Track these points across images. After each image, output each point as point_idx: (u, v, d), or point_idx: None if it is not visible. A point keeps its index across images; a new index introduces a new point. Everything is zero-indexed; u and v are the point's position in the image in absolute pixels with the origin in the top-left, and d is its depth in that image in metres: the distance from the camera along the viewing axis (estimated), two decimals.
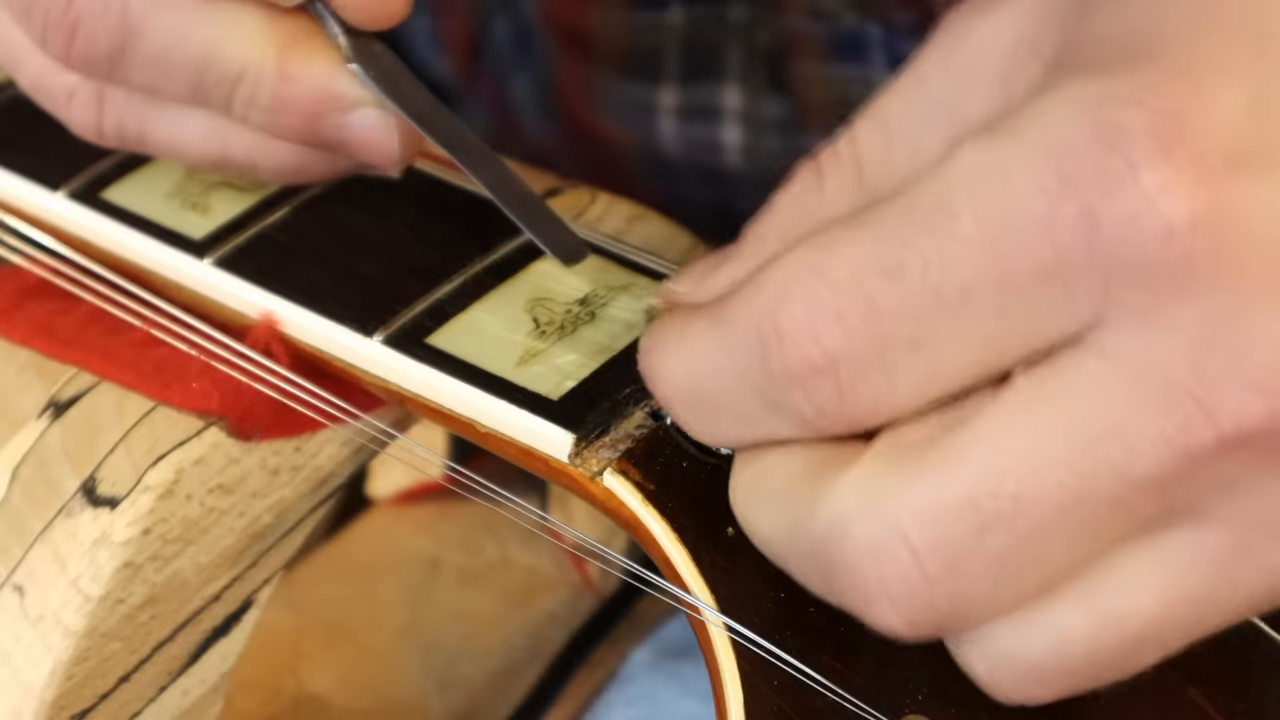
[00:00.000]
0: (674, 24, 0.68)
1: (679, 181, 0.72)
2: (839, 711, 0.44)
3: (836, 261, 0.39)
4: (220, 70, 0.48)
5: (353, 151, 0.49)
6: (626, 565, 0.50)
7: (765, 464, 0.42)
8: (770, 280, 0.39)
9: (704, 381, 0.41)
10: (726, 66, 0.68)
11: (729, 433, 0.42)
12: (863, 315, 0.38)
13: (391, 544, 0.64)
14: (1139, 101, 0.37)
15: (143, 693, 0.50)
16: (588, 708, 0.60)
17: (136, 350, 0.51)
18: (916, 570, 0.38)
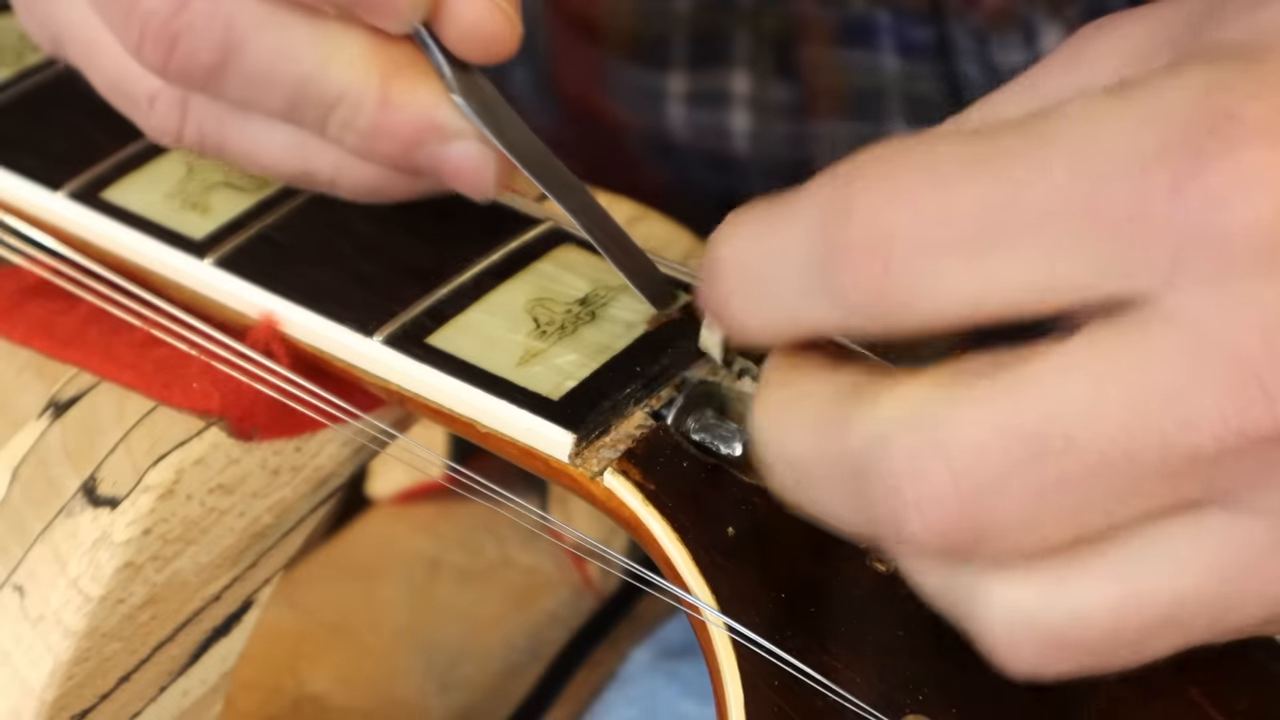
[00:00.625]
0: (682, 10, 0.68)
1: (686, 167, 0.72)
2: (839, 711, 0.44)
3: (924, 148, 0.39)
4: (321, 91, 0.47)
5: (446, 179, 0.49)
6: (626, 565, 0.50)
7: (802, 384, 0.42)
8: (851, 166, 0.39)
9: (761, 254, 0.41)
10: (735, 52, 0.68)
11: (767, 312, 0.42)
12: (933, 202, 0.38)
13: (391, 544, 0.64)
14: (1251, 94, 0.38)
15: (143, 693, 0.50)
16: (588, 708, 0.60)
17: (137, 350, 0.51)
18: (953, 488, 0.38)
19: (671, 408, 0.48)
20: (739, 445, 0.47)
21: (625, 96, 0.71)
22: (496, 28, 0.46)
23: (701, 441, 0.47)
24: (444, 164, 0.48)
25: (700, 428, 0.47)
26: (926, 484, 0.38)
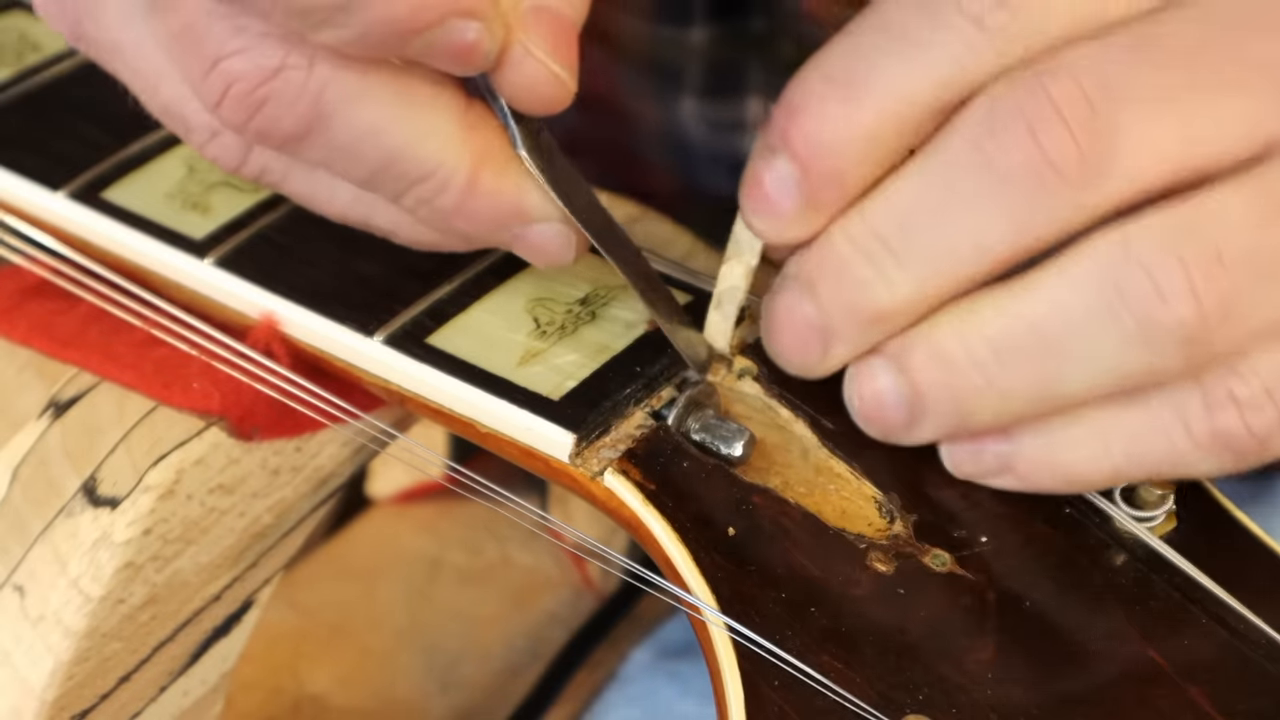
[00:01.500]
0: (696, 42, 0.68)
1: (699, 173, 0.72)
2: (839, 711, 0.44)
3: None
4: (407, 169, 0.46)
5: (523, 254, 0.48)
6: (626, 565, 0.50)
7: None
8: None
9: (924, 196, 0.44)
10: (749, 80, 0.68)
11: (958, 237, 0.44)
12: (1132, 57, 0.43)
13: (391, 544, 0.64)
14: None
15: (143, 693, 0.50)
16: (588, 708, 0.60)
17: (137, 350, 0.51)
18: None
19: (672, 408, 0.48)
20: (739, 445, 0.47)
21: (642, 102, 0.71)
22: (549, 90, 0.46)
23: (701, 441, 0.47)
24: (524, 242, 0.47)
25: (700, 428, 0.47)
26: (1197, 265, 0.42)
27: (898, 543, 0.46)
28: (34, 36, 0.58)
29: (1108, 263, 0.42)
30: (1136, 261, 0.42)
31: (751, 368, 0.49)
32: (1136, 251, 0.42)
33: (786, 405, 0.48)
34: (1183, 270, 0.42)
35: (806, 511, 0.46)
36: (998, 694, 0.43)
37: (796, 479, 0.47)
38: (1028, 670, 0.44)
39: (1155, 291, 0.42)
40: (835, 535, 0.46)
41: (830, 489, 0.47)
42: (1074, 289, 0.43)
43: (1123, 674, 0.44)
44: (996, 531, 0.46)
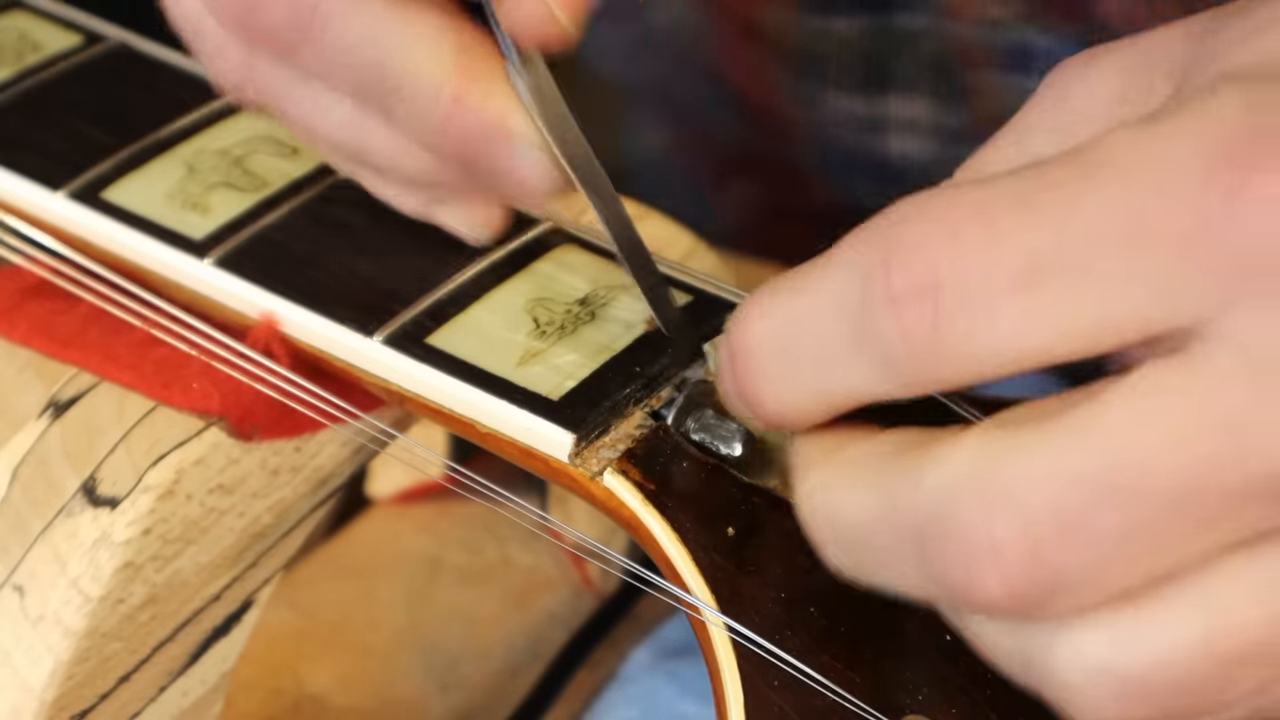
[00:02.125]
0: (842, 31, 0.67)
1: (851, 183, 0.71)
2: (839, 711, 0.44)
3: (966, 190, 0.38)
4: (397, 79, 0.47)
5: (501, 183, 0.48)
6: (626, 565, 0.50)
7: (847, 452, 0.41)
8: (887, 216, 0.38)
9: (791, 326, 0.40)
10: (895, 76, 0.68)
11: (804, 388, 0.41)
12: (981, 242, 0.37)
13: (391, 544, 0.64)
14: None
15: (143, 693, 0.50)
16: (588, 708, 0.60)
17: (137, 350, 0.51)
18: (1027, 538, 0.37)
19: (671, 408, 0.48)
20: (739, 445, 0.47)
21: (794, 105, 0.70)
22: (544, 28, 0.46)
23: (701, 441, 0.47)
24: (504, 167, 0.47)
25: (700, 428, 0.47)
26: (1000, 540, 0.37)
27: None
28: (34, 36, 0.58)
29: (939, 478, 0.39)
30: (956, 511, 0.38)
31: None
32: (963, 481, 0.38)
33: None
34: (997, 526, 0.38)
35: None
36: (997, 694, 0.43)
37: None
38: None
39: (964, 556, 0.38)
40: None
41: None
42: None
43: None
44: None
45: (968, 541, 0.37)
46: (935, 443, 0.39)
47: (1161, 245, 0.37)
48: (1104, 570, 0.37)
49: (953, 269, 0.37)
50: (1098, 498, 0.37)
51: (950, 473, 0.38)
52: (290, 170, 0.53)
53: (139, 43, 0.58)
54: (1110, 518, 0.37)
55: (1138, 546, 0.37)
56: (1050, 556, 0.37)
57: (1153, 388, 0.37)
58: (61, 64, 0.57)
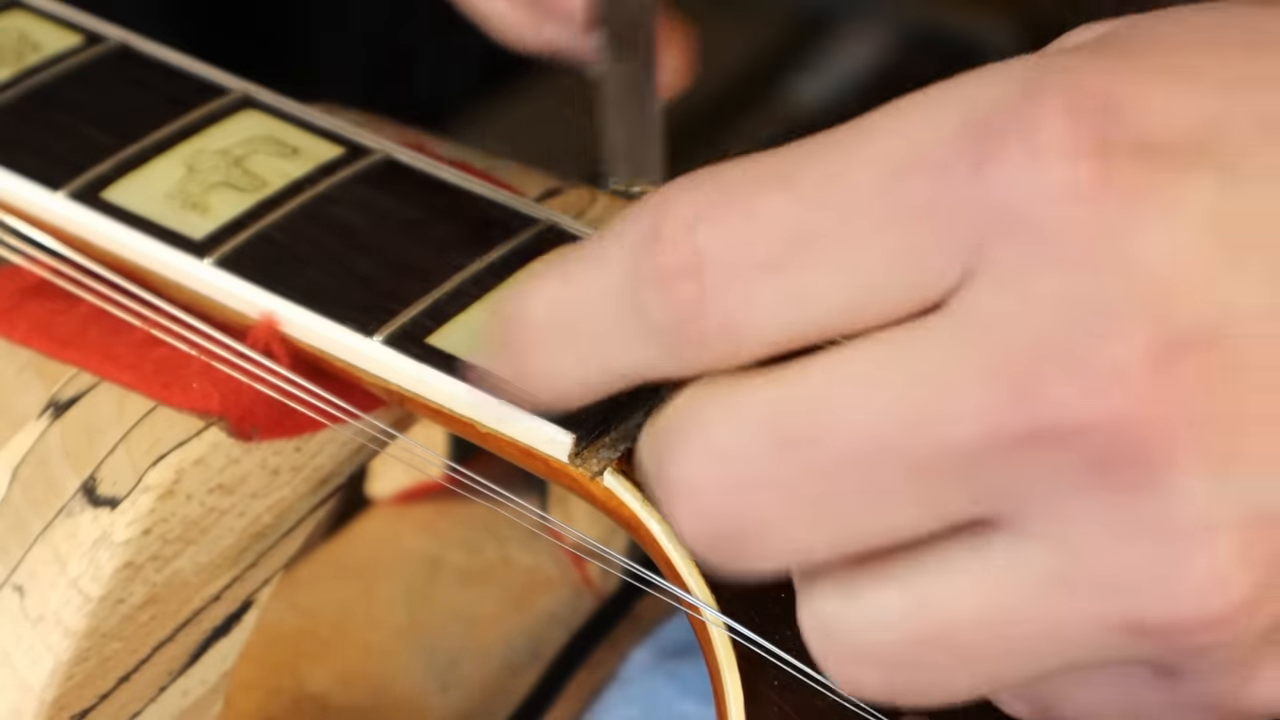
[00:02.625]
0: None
1: None
2: (839, 711, 0.44)
3: (733, 166, 0.38)
4: None
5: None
6: (626, 565, 0.50)
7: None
8: (658, 192, 0.38)
9: (565, 301, 0.40)
10: None
11: (577, 365, 0.41)
12: (740, 216, 0.37)
13: (391, 544, 0.64)
14: (1071, 69, 0.36)
15: (143, 693, 0.50)
16: (588, 708, 0.60)
17: (136, 350, 0.51)
18: (713, 473, 0.37)
19: None
20: None
21: None
22: None
23: None
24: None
25: None
26: (691, 478, 0.38)
27: None
28: (34, 36, 0.58)
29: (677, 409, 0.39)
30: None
31: None
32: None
33: None
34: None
35: None
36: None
37: None
38: None
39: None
40: None
41: None
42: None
43: None
44: None
45: (668, 479, 0.38)
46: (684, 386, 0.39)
47: (912, 219, 0.37)
48: (790, 520, 0.37)
49: (713, 246, 0.37)
50: (780, 441, 0.37)
51: (669, 408, 0.39)
52: (290, 170, 0.53)
53: (139, 43, 0.58)
54: (791, 463, 0.37)
55: (823, 499, 0.37)
56: (735, 493, 0.37)
57: (864, 348, 0.37)
58: (61, 64, 0.57)
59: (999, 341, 0.36)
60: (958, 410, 0.36)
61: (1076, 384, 0.35)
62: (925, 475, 0.37)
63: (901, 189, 0.37)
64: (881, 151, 0.37)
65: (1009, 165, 0.36)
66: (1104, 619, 0.37)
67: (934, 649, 0.38)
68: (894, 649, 0.38)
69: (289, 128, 0.55)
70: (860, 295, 0.37)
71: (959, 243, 0.36)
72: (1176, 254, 0.36)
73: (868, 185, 0.37)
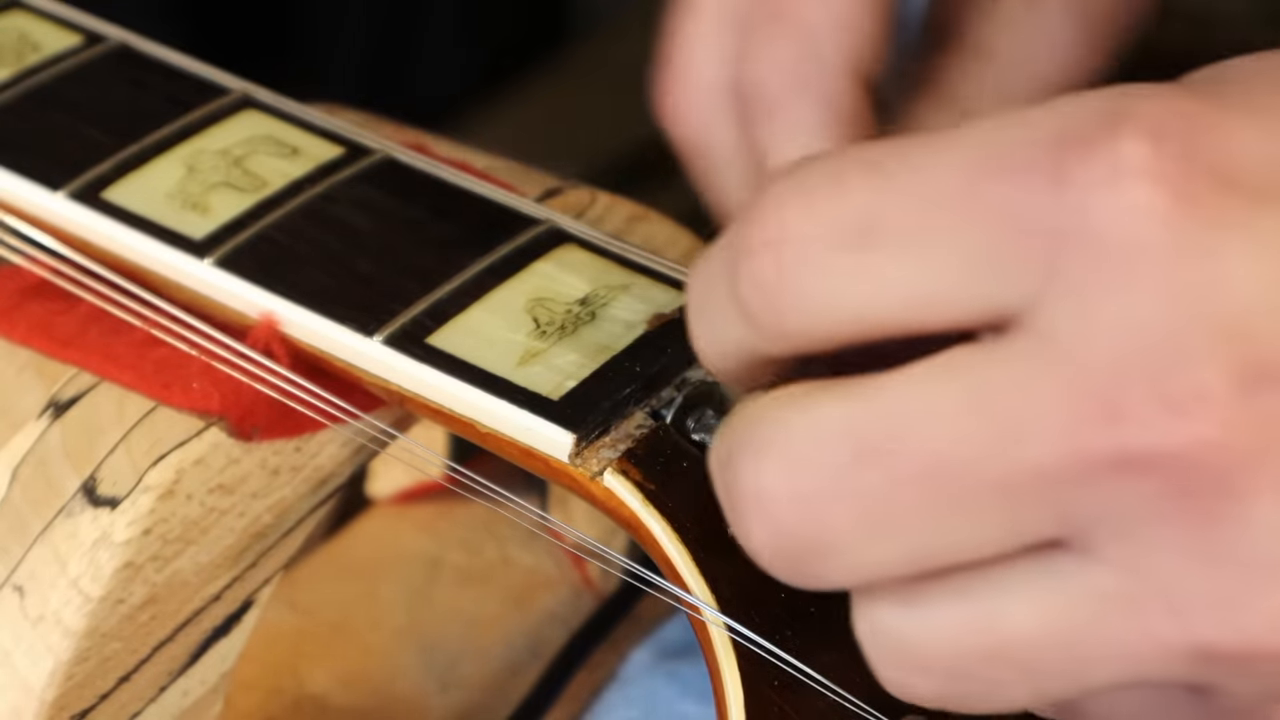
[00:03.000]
0: None
1: None
2: (839, 711, 0.44)
3: (833, 155, 0.39)
4: None
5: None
6: (626, 565, 0.50)
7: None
8: (767, 180, 0.39)
9: (699, 280, 0.41)
10: None
11: (705, 338, 0.41)
12: (826, 200, 0.38)
13: (391, 544, 0.64)
14: (1157, 96, 0.37)
15: (143, 693, 0.50)
16: (587, 708, 0.60)
17: (137, 350, 0.51)
18: (788, 485, 0.38)
19: (671, 408, 0.48)
20: None
21: None
22: None
23: (701, 441, 0.47)
24: None
25: (700, 428, 0.47)
26: (765, 487, 0.38)
27: None
28: (34, 36, 0.58)
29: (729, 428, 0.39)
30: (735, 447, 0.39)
31: None
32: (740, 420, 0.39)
33: None
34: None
35: None
36: None
37: None
38: None
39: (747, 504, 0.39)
40: None
41: None
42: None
43: None
44: None
45: (740, 487, 0.38)
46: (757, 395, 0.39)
47: (989, 226, 0.37)
48: (868, 535, 0.37)
49: (797, 224, 0.38)
50: (861, 455, 0.37)
51: (744, 418, 0.39)
52: (290, 170, 0.53)
53: (139, 43, 0.58)
54: (872, 478, 0.37)
55: (898, 514, 0.37)
56: (809, 509, 0.37)
57: (945, 365, 0.37)
58: (61, 64, 0.57)
59: (1082, 364, 0.36)
60: (1041, 432, 0.36)
61: (1160, 408, 0.35)
62: (1004, 495, 0.37)
63: (983, 190, 0.37)
64: (969, 153, 0.37)
65: (1090, 183, 0.36)
66: (1170, 643, 0.37)
67: (993, 663, 0.38)
68: (952, 660, 0.38)
69: (289, 128, 0.55)
70: (931, 290, 0.38)
71: (1035, 254, 0.37)
72: (1259, 283, 0.36)
73: (951, 183, 0.37)
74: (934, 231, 0.37)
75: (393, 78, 1.23)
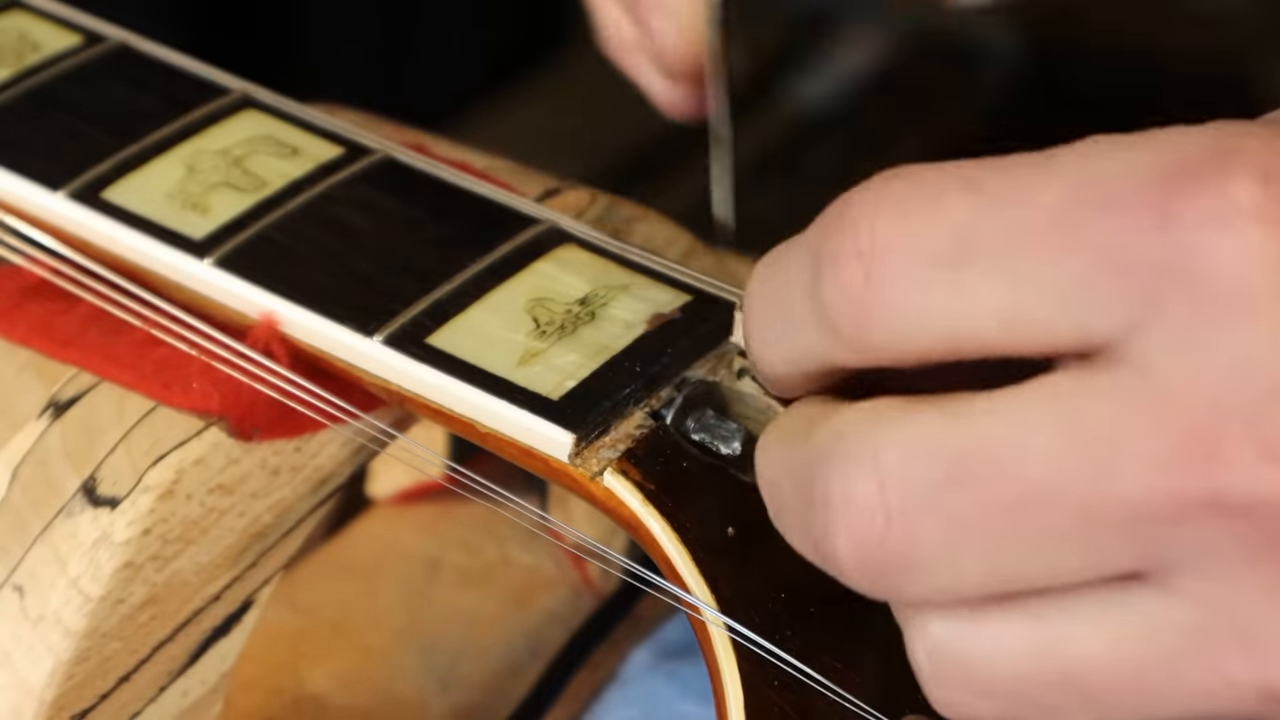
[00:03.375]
0: None
1: None
2: (839, 711, 0.44)
3: (930, 168, 0.38)
4: None
5: (644, 38, 0.53)
6: (626, 565, 0.50)
7: (795, 409, 0.41)
8: (854, 190, 0.39)
9: (769, 283, 0.41)
10: None
11: (775, 345, 0.41)
12: (920, 213, 0.38)
13: (391, 544, 0.64)
14: (1261, 135, 0.36)
15: (143, 693, 0.50)
16: (587, 708, 0.60)
17: (137, 350, 0.51)
18: (880, 498, 0.37)
19: (671, 408, 0.48)
20: (739, 445, 0.47)
21: None
22: None
23: (701, 441, 0.47)
24: (647, 20, 0.53)
25: (700, 428, 0.47)
26: (855, 496, 0.38)
27: None
28: (34, 36, 0.58)
29: (812, 444, 0.39)
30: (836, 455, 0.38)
31: (751, 366, 0.49)
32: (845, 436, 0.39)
33: (786, 405, 0.48)
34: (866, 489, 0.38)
35: None
36: None
37: None
38: None
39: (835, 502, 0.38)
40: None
41: None
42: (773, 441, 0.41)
43: None
44: None
45: (827, 495, 0.38)
46: (844, 402, 0.39)
47: (1086, 256, 0.37)
48: (950, 555, 0.37)
49: (890, 236, 0.38)
50: (955, 476, 0.37)
51: (832, 428, 0.39)
52: (290, 170, 0.54)
53: (139, 43, 0.58)
54: (962, 499, 0.37)
55: (986, 538, 0.37)
56: (896, 527, 0.37)
57: (1039, 391, 0.37)
58: (61, 64, 0.57)
59: (1180, 401, 0.36)
60: (1134, 467, 0.36)
61: (1258, 454, 0.35)
62: (1092, 527, 0.37)
63: (1084, 220, 0.37)
64: (1070, 180, 0.37)
65: (1199, 221, 0.36)
66: (1240, 681, 0.37)
67: (1055, 689, 0.38)
68: (1016, 684, 0.38)
69: (289, 128, 0.55)
70: (1022, 313, 0.37)
71: (1134, 288, 0.36)
72: None
73: (1050, 208, 0.37)
74: (1033, 257, 0.37)
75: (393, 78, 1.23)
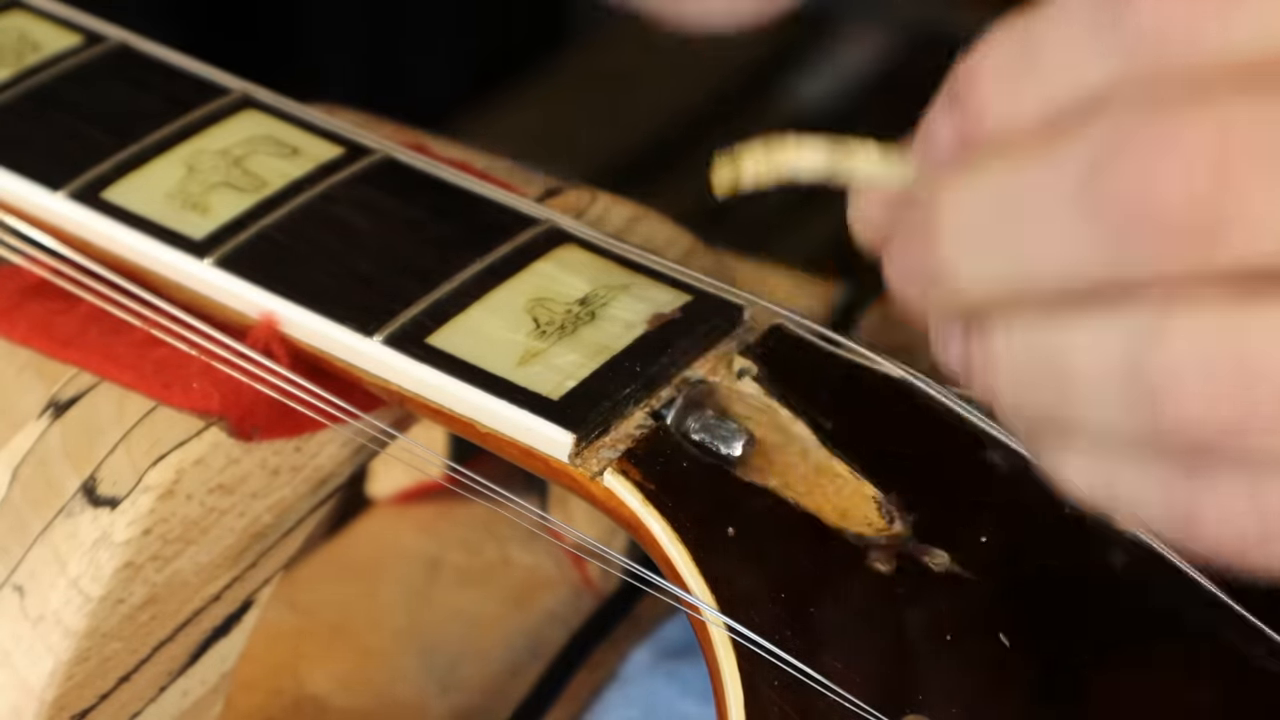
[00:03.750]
0: None
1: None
2: (839, 711, 0.44)
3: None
4: None
5: None
6: (626, 565, 0.50)
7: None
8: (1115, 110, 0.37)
9: (1007, 193, 0.38)
10: None
11: (1004, 260, 0.38)
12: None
13: (391, 544, 0.64)
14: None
15: (143, 693, 0.50)
16: (587, 708, 0.60)
17: (137, 350, 0.51)
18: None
19: (671, 408, 0.48)
20: (739, 445, 0.47)
21: None
22: None
23: (701, 441, 0.47)
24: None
25: (700, 428, 0.47)
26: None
27: (897, 543, 0.46)
28: (34, 36, 0.58)
29: (1133, 329, 0.37)
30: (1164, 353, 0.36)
31: (751, 367, 0.49)
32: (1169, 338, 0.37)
33: (786, 405, 0.48)
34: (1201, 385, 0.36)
35: (806, 511, 0.46)
36: (998, 693, 0.44)
37: (796, 479, 0.47)
38: (1029, 670, 0.44)
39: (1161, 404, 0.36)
40: (835, 535, 0.46)
41: (830, 489, 0.47)
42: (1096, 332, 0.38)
43: (1126, 674, 0.44)
44: (997, 531, 0.46)
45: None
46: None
47: None
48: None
49: (1249, 132, 0.36)
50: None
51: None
52: (290, 170, 0.54)
53: (139, 43, 0.58)
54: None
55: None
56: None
57: None
58: (61, 64, 0.57)
59: None
60: None
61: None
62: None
63: None
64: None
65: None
66: None
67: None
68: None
69: (289, 128, 0.55)
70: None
71: None
72: None
73: None
74: None
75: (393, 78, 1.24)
